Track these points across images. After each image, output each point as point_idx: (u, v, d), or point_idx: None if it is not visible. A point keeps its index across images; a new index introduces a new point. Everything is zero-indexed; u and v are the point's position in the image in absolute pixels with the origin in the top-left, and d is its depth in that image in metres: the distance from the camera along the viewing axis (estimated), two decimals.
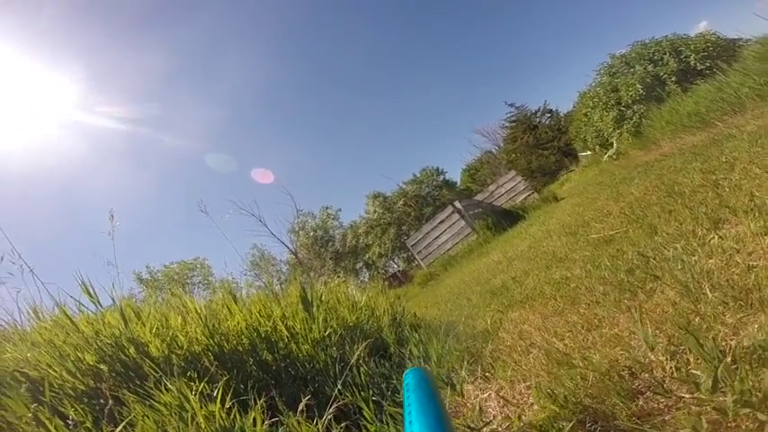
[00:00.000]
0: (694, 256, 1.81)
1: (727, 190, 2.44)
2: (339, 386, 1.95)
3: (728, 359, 0.95)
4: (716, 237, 1.86)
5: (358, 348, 2.21)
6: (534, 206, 10.99)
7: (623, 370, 1.26)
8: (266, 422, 1.60)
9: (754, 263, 1.45)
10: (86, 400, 1.71)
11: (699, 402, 0.93)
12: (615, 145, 9.74)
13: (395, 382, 2.06)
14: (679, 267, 1.75)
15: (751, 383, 0.83)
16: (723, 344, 1.09)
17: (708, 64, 9.03)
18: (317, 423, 1.62)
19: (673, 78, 9.40)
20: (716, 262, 1.63)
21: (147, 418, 1.49)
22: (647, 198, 3.49)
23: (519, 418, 1.31)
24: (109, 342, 1.95)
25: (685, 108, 7.05)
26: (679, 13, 39.95)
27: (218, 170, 34.03)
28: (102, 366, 1.86)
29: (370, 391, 1.98)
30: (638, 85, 9.76)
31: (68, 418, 1.50)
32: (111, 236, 2.68)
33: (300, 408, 1.68)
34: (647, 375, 1.18)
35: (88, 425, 1.50)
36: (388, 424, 1.61)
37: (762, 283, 1.26)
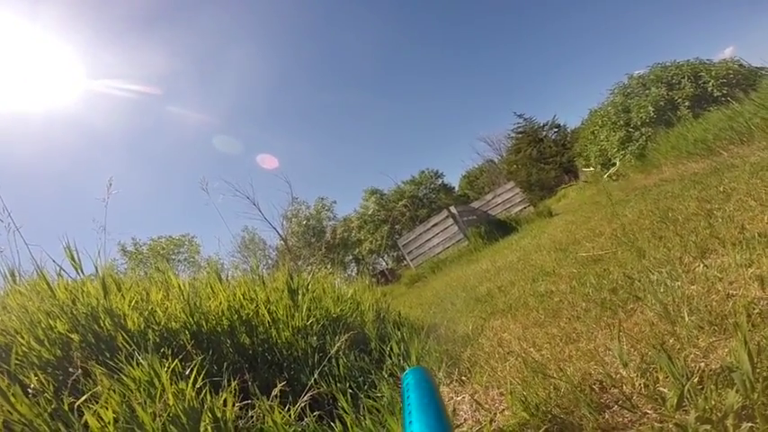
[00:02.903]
0: (678, 281, 1.83)
1: (719, 220, 2.46)
2: (315, 375, 1.95)
3: (695, 379, 0.96)
4: (701, 265, 1.88)
5: (339, 340, 2.21)
6: (528, 219, 11.03)
7: (594, 384, 1.28)
8: (237, 404, 1.59)
9: (734, 292, 1.47)
10: (50, 369, 1.67)
11: (662, 419, 0.94)
12: (617, 164, 9.69)
13: (373, 376, 2.06)
14: (662, 291, 1.77)
15: (713, 402, 0.84)
16: (693, 365, 1.11)
17: (725, 91, 8.92)
18: (289, 409, 1.62)
19: (686, 103, 9.27)
20: (697, 288, 1.65)
21: (114, 391, 1.46)
22: (641, 222, 3.51)
23: (491, 422, 1.32)
24: (84, 312, 1.91)
25: (693, 134, 7.02)
26: (707, 36, 39.22)
27: (224, 151, 33.73)
28: (73, 336, 1.82)
29: (347, 384, 1.98)
30: (650, 108, 9.66)
31: (29, 387, 1.46)
32: (105, 203, 2.65)
33: (274, 393, 1.68)
34: (616, 390, 1.20)
35: (49, 395, 1.44)
36: (364, 416, 1.60)
37: (738, 311, 1.28)
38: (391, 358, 2.28)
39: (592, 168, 11.61)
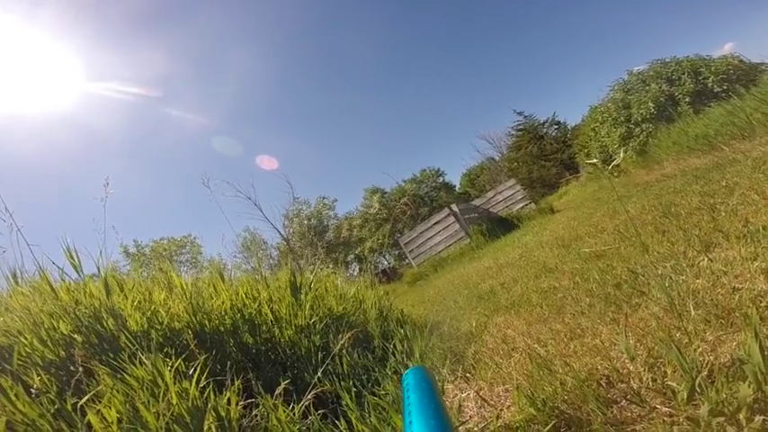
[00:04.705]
0: (682, 275, 1.82)
1: (723, 214, 2.45)
2: (319, 374, 1.95)
3: (704, 373, 0.96)
4: (706, 259, 1.87)
5: (342, 338, 2.20)
6: (530, 216, 11.01)
7: (601, 379, 1.27)
8: (241, 403, 1.58)
9: (740, 285, 1.46)
10: (54, 370, 1.67)
11: (672, 413, 0.93)
12: (621, 155, 9.66)
13: (376, 374, 2.06)
14: (666, 285, 1.76)
15: (725, 396, 0.84)
16: (701, 359, 1.10)
17: (725, 87, 8.90)
18: (293, 408, 1.62)
19: (687, 99, 9.28)
20: (703, 282, 1.65)
21: (117, 391, 1.46)
22: (643, 217, 3.50)
23: (497, 417, 1.31)
24: (87, 312, 1.91)
25: (694, 130, 7.00)
26: (706, 32, 38.63)
27: (224, 153, 33.59)
28: (76, 337, 1.81)
29: (351, 382, 1.97)
30: (650, 104, 9.65)
31: (32, 387, 1.46)
32: (103, 202, 2.64)
33: (278, 391, 1.67)
34: (623, 385, 1.19)
35: (51, 395, 1.44)
36: (369, 414, 1.59)
37: (744, 304, 1.27)
38: (395, 356, 2.28)
39: (595, 159, 11.65)
